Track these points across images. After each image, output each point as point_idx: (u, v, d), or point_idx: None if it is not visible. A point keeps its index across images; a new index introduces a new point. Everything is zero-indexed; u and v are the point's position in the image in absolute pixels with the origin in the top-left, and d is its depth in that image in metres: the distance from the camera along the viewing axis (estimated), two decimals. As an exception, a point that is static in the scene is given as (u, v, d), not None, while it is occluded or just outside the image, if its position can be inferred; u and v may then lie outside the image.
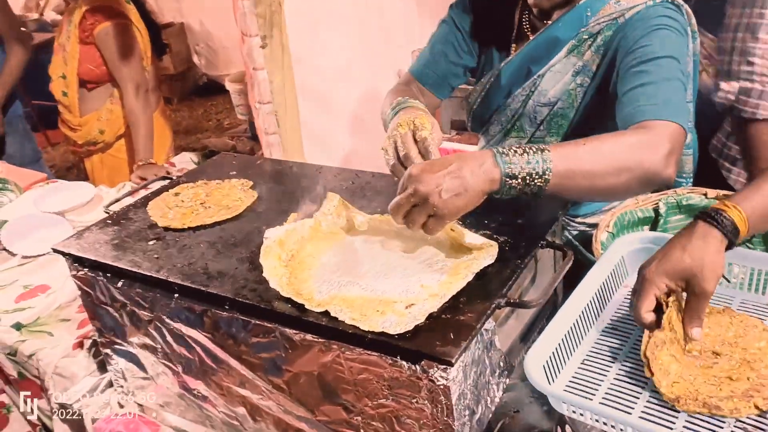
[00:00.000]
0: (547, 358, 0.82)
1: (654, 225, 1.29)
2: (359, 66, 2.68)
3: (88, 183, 2.18)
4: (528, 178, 0.89)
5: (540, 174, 0.89)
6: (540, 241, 0.97)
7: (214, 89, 5.62)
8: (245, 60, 2.13)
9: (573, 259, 0.95)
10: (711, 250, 0.79)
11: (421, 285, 0.88)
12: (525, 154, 0.89)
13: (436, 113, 1.67)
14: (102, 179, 2.64)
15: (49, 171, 3.13)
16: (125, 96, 2.52)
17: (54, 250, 1.13)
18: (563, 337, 0.85)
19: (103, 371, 1.30)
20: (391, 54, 2.84)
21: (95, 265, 1.09)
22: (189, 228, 1.13)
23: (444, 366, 0.76)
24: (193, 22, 5.58)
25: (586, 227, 1.41)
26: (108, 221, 1.20)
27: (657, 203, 1.28)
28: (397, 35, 2.86)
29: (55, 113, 2.73)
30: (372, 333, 0.79)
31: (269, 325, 0.90)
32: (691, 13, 1.21)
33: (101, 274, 1.08)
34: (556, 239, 1.06)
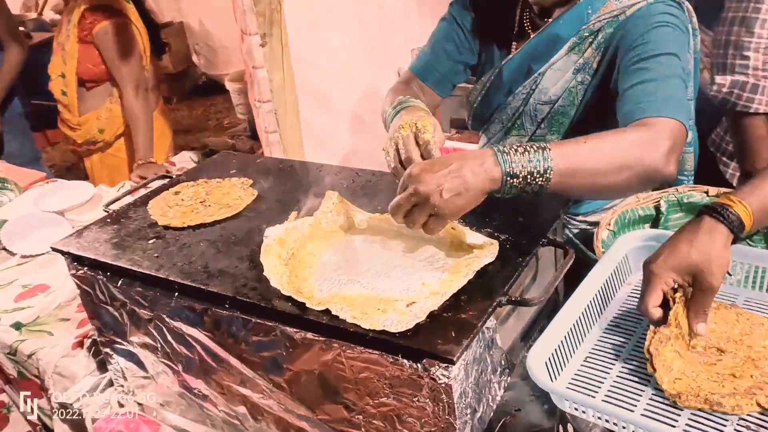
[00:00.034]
0: (550, 355, 0.81)
1: (655, 223, 1.29)
2: (359, 64, 2.68)
3: (87, 182, 2.18)
4: (529, 177, 0.89)
5: (541, 173, 0.89)
6: (541, 239, 0.97)
7: (213, 89, 5.62)
8: (245, 58, 2.12)
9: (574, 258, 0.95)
10: (718, 245, 0.79)
11: (422, 283, 0.88)
12: (526, 152, 0.89)
13: (436, 112, 1.67)
14: (102, 178, 2.64)
15: (49, 170, 3.13)
16: (125, 95, 2.52)
17: (53, 249, 1.13)
18: (566, 335, 0.85)
19: (103, 370, 1.30)
20: (391, 52, 2.83)
21: (95, 264, 1.08)
22: (189, 227, 1.13)
23: (445, 364, 0.76)
24: (193, 21, 5.57)
25: (587, 225, 1.40)
26: (108, 220, 1.20)
27: (658, 201, 1.28)
28: (397, 34, 2.85)
29: (55, 113, 2.72)
30: (373, 331, 0.79)
31: (270, 324, 0.89)
32: (692, 11, 1.20)
33: (101, 273, 1.08)
34: (557, 237, 1.05)
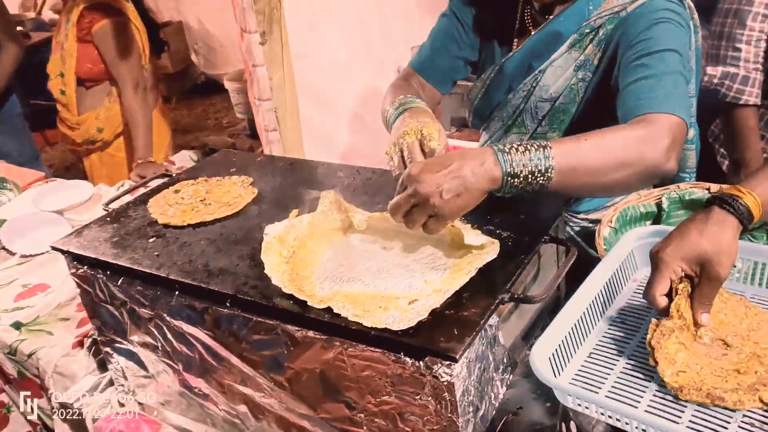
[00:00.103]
0: (553, 351, 0.81)
1: (657, 220, 1.28)
2: (359, 62, 2.67)
3: (86, 182, 2.17)
4: (530, 176, 0.88)
5: (542, 172, 0.88)
6: (543, 237, 0.96)
7: (212, 88, 5.61)
8: (244, 57, 2.12)
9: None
10: (727, 236, 0.79)
11: (424, 281, 0.88)
12: (527, 151, 0.88)
13: (436, 110, 1.66)
14: (101, 178, 2.63)
15: (48, 170, 3.12)
16: (124, 94, 2.51)
17: (53, 248, 1.12)
18: (570, 331, 0.84)
19: (104, 370, 1.30)
20: (391, 50, 2.83)
21: (95, 263, 1.08)
22: (189, 225, 1.13)
23: (448, 362, 0.76)
24: (192, 20, 5.56)
25: (588, 223, 1.40)
26: (107, 219, 1.19)
27: (660, 198, 1.27)
28: (397, 31, 2.85)
29: (53, 113, 2.72)
30: (375, 329, 0.79)
31: (271, 322, 0.89)
32: (693, 7, 1.20)
33: (101, 272, 1.07)
34: (559, 235, 1.05)
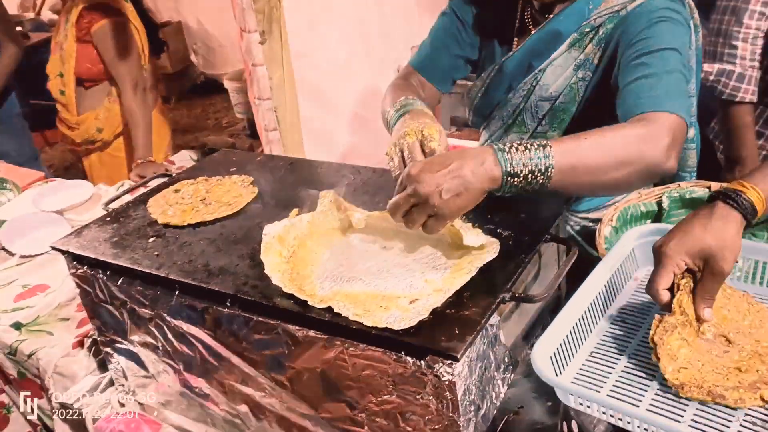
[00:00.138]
0: (555, 349, 0.81)
1: (657, 219, 1.28)
2: (359, 62, 2.67)
3: (86, 182, 2.17)
4: (530, 175, 0.88)
5: (542, 171, 0.88)
6: (544, 236, 0.96)
7: (212, 88, 5.60)
8: (244, 56, 2.11)
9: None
10: (731, 231, 0.79)
11: (425, 280, 0.87)
12: (527, 150, 0.88)
13: (436, 109, 1.66)
14: (101, 178, 2.63)
15: (47, 170, 3.12)
16: (123, 94, 2.51)
17: (53, 248, 1.12)
18: (571, 329, 0.84)
19: (104, 370, 1.30)
20: (391, 50, 2.82)
21: (95, 263, 1.08)
22: (189, 225, 1.12)
23: (449, 361, 0.76)
24: (191, 20, 5.56)
25: (588, 222, 1.40)
26: (107, 219, 1.19)
27: (660, 197, 1.27)
28: (397, 31, 2.84)
29: (53, 113, 2.72)
30: (376, 328, 0.79)
31: (271, 322, 0.89)
32: (694, 6, 1.20)
33: (101, 271, 1.07)
34: (559, 234, 1.05)
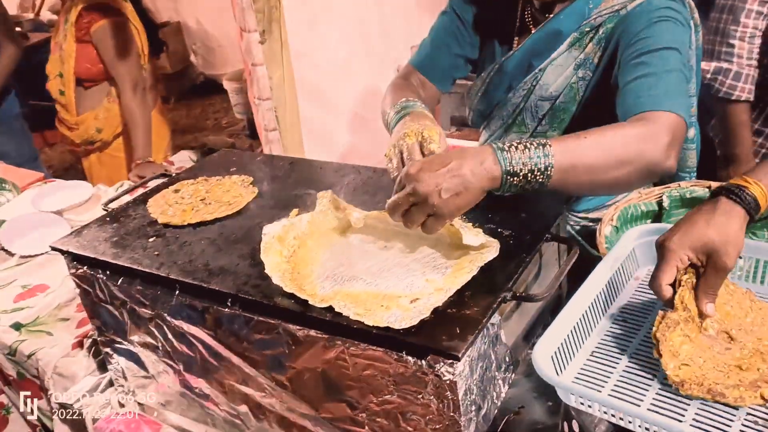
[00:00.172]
0: (556, 349, 0.80)
1: (657, 218, 1.28)
2: (358, 61, 2.67)
3: (85, 182, 2.17)
4: (530, 174, 0.88)
5: (542, 170, 0.88)
6: (545, 235, 0.96)
7: (211, 88, 5.60)
8: (244, 56, 2.11)
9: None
10: (734, 226, 0.78)
11: (426, 279, 0.87)
12: (526, 149, 0.88)
13: (436, 109, 1.66)
14: (100, 178, 2.62)
15: (47, 171, 3.12)
16: (123, 94, 2.51)
17: (53, 248, 1.12)
18: (572, 329, 0.84)
19: (104, 370, 1.29)
20: (391, 50, 2.83)
21: (95, 263, 1.07)
22: (189, 225, 1.12)
23: (450, 361, 0.75)
24: (190, 21, 5.56)
25: (588, 222, 1.40)
26: (107, 219, 1.19)
27: (660, 197, 1.27)
28: (397, 30, 2.84)
29: (52, 114, 2.71)
30: (377, 328, 0.78)
31: (272, 322, 0.89)
32: (694, 6, 1.20)
33: (101, 271, 1.07)
34: (560, 233, 1.05)
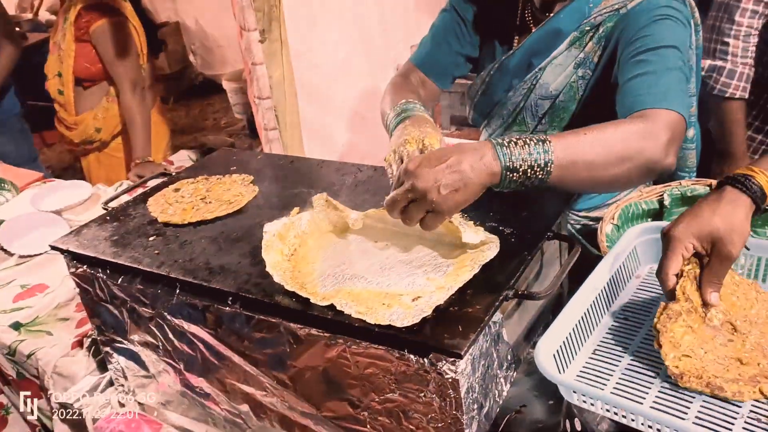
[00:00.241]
0: (558, 347, 0.80)
1: (658, 217, 1.28)
2: (358, 60, 2.66)
3: (85, 182, 2.17)
4: (529, 170, 0.87)
5: (542, 166, 0.88)
6: (547, 233, 0.96)
7: (210, 88, 5.60)
8: (244, 55, 2.11)
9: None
10: (740, 215, 0.78)
11: (427, 278, 0.87)
12: (526, 145, 0.87)
13: (435, 108, 1.66)
14: (99, 178, 2.62)
15: (46, 171, 3.11)
16: (122, 94, 2.50)
17: (52, 247, 1.12)
18: (574, 327, 0.84)
19: (104, 370, 1.29)
20: (390, 49, 2.82)
21: (94, 262, 1.07)
22: (189, 223, 1.12)
23: (452, 359, 0.75)
24: (189, 21, 5.56)
25: (588, 221, 1.40)
26: (107, 218, 1.18)
27: (661, 195, 1.27)
28: (396, 29, 2.84)
29: (51, 114, 2.71)
30: (378, 326, 0.78)
31: (273, 320, 0.88)
32: (694, 5, 1.20)
33: (100, 271, 1.07)
34: (561, 231, 1.05)
